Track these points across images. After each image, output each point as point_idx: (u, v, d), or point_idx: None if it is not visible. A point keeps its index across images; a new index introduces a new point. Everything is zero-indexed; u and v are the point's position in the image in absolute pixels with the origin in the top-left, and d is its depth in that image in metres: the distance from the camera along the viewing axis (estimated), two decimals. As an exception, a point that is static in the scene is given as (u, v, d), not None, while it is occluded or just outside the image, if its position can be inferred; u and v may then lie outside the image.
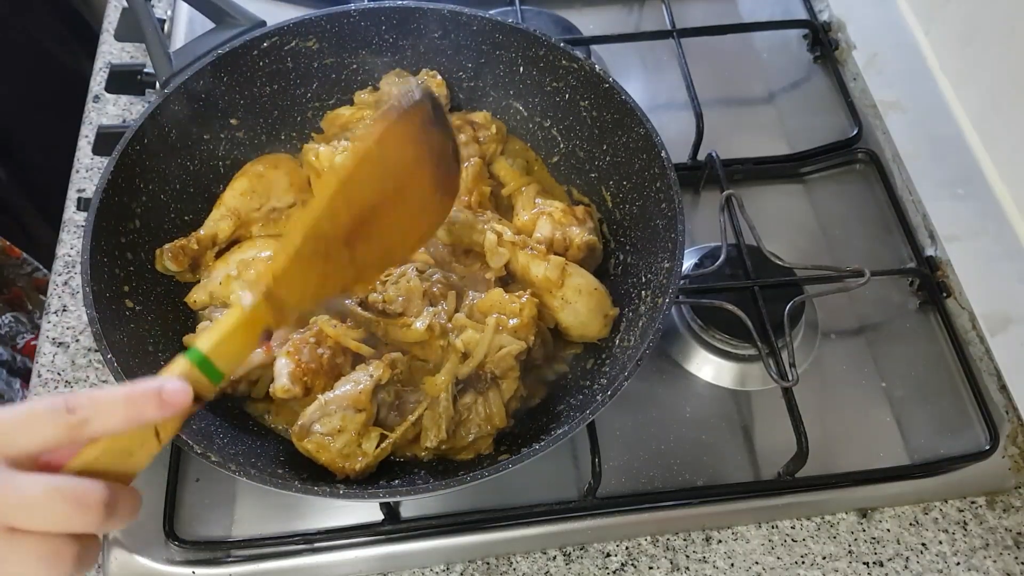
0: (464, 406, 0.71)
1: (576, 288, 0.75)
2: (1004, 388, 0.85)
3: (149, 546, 0.72)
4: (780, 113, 1.06)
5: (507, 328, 0.72)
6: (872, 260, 0.92)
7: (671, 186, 0.73)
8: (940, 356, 0.88)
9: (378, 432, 0.68)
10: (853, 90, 1.06)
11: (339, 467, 0.67)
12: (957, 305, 0.90)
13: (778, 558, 0.76)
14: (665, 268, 0.72)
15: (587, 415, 0.63)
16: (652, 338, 0.66)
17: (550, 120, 0.87)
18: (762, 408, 0.83)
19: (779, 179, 1.00)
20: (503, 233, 0.77)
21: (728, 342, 0.84)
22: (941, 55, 0.93)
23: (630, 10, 1.16)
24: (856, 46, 1.08)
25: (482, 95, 0.89)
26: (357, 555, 0.73)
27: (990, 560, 0.76)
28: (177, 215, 0.80)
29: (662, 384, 0.84)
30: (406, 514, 0.75)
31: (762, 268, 0.85)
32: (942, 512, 0.79)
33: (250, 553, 0.73)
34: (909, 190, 0.98)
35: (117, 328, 0.68)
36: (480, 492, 0.75)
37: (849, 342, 0.88)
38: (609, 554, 0.75)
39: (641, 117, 0.77)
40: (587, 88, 0.82)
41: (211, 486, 0.76)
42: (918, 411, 0.84)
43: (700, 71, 1.00)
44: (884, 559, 0.76)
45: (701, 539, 0.76)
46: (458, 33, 0.85)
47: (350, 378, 0.68)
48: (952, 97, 0.91)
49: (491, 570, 0.74)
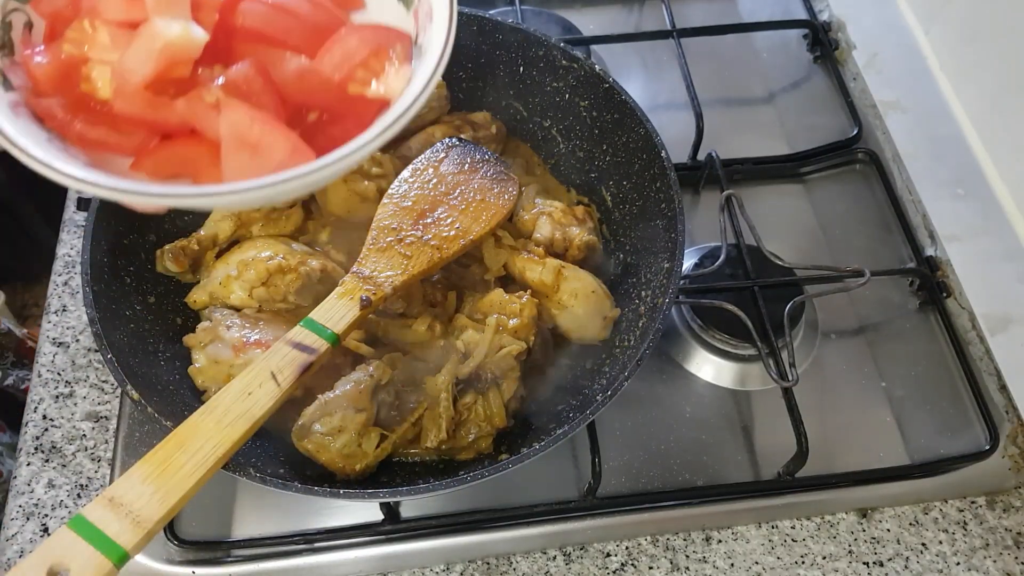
0: (464, 406, 0.71)
1: (572, 292, 0.75)
2: (1004, 388, 0.85)
3: (149, 546, 0.72)
4: (780, 113, 1.06)
5: (507, 328, 0.72)
6: (872, 260, 0.92)
7: (671, 186, 0.73)
8: (940, 356, 0.88)
9: (378, 432, 0.68)
10: (853, 90, 1.06)
11: (339, 467, 0.67)
12: (957, 305, 0.90)
13: (778, 558, 0.76)
14: (665, 268, 0.72)
15: (587, 415, 0.63)
16: (652, 338, 0.66)
17: (550, 120, 0.87)
18: (762, 408, 0.83)
19: (779, 179, 1.00)
20: (501, 236, 0.78)
21: (728, 342, 0.84)
22: (941, 55, 0.93)
23: (630, 10, 1.16)
24: (856, 46, 1.08)
25: (482, 95, 0.89)
26: (357, 555, 0.73)
27: (990, 560, 0.76)
28: (177, 215, 0.80)
29: (662, 384, 0.84)
30: (406, 514, 0.75)
31: (762, 268, 0.85)
32: (942, 512, 0.79)
33: (250, 553, 0.73)
34: (909, 190, 0.98)
35: (117, 328, 0.68)
36: (480, 492, 0.75)
37: (849, 342, 0.88)
38: (609, 554, 0.75)
39: (641, 117, 0.77)
40: (587, 88, 0.82)
41: (211, 486, 0.74)
42: (918, 411, 0.84)
43: (700, 71, 1.00)
44: (884, 559, 0.76)
45: (701, 539, 0.76)
46: (458, 33, 0.85)
47: (350, 378, 0.68)
48: (952, 97, 0.91)
49: (491, 570, 0.74)
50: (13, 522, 0.75)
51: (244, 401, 0.58)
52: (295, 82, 0.48)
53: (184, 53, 0.45)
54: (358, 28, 0.49)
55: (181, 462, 0.54)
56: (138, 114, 0.45)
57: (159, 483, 0.53)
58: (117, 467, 0.77)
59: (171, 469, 0.54)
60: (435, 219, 0.73)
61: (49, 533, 0.74)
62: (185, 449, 0.55)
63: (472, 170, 0.78)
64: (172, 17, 0.45)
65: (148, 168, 0.47)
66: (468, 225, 0.74)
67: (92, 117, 0.46)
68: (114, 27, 0.46)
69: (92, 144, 0.46)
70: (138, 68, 0.44)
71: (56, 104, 0.46)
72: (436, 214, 0.74)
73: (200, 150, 0.46)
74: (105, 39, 0.46)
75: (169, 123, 0.46)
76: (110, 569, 0.48)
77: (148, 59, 0.44)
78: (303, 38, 0.48)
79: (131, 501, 0.51)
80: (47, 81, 0.46)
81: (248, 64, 0.46)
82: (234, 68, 0.46)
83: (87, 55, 0.46)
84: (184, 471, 0.54)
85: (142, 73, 0.44)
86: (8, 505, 0.76)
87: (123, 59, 0.45)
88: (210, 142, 0.45)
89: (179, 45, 0.45)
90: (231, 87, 0.45)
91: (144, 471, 0.53)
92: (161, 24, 0.44)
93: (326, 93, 0.48)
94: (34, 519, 0.75)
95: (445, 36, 0.46)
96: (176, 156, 0.47)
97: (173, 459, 0.54)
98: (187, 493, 0.53)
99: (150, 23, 0.45)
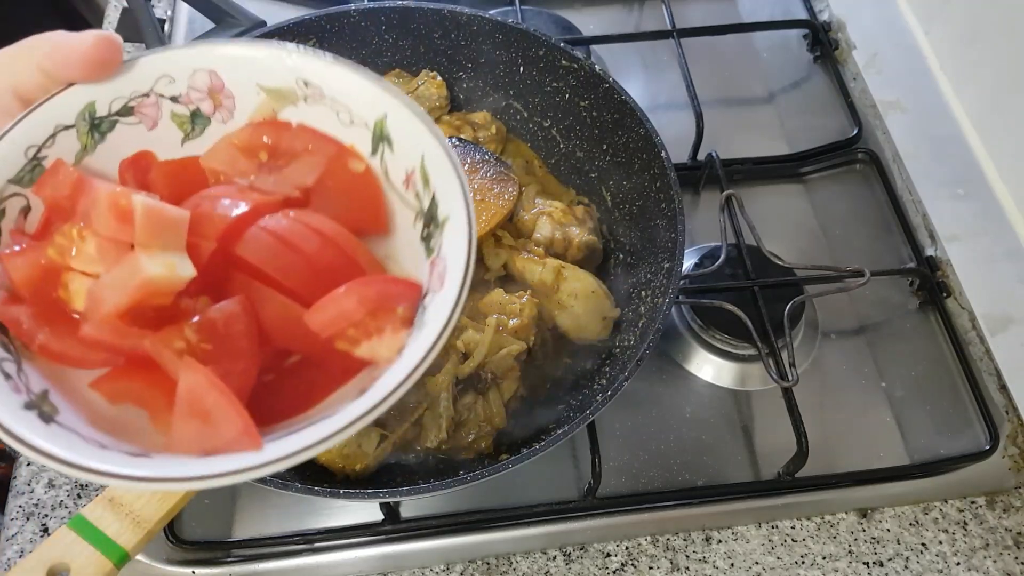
0: (464, 406, 0.71)
1: (572, 292, 0.75)
2: (1004, 388, 0.85)
3: (149, 546, 0.72)
4: (780, 113, 1.06)
5: (507, 328, 0.72)
6: (872, 260, 0.92)
7: (671, 186, 0.73)
8: (940, 356, 0.88)
9: (378, 432, 0.68)
10: (853, 90, 1.06)
11: (339, 467, 0.67)
12: (957, 305, 0.90)
13: (778, 558, 0.76)
14: (665, 268, 0.72)
15: (587, 415, 0.63)
16: (652, 338, 0.66)
17: (550, 120, 0.87)
18: (762, 408, 0.83)
19: (779, 179, 1.00)
20: (501, 236, 0.78)
21: (728, 342, 0.84)
22: (941, 55, 0.93)
23: (630, 10, 1.16)
24: (856, 46, 1.08)
25: (482, 95, 0.89)
26: (357, 555, 0.73)
27: (990, 560, 0.76)
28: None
29: (662, 384, 0.84)
30: (406, 514, 0.75)
31: (762, 268, 0.85)
32: (942, 512, 0.79)
33: (250, 553, 0.73)
34: (909, 190, 0.98)
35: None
36: (480, 492, 0.75)
37: (849, 342, 0.88)
38: (609, 554, 0.75)
39: (641, 117, 0.77)
40: (587, 88, 0.82)
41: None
42: (918, 411, 0.84)
43: (700, 71, 1.00)
44: (884, 559, 0.76)
45: (701, 539, 0.76)
46: (458, 33, 0.85)
47: (350, 378, 0.68)
48: (952, 97, 0.91)
49: (491, 570, 0.74)
50: (13, 522, 0.75)
51: None
52: (280, 329, 0.44)
53: (165, 289, 0.41)
54: (361, 285, 0.43)
55: None
56: (106, 341, 0.41)
57: None
58: (117, 467, 0.77)
59: None
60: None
61: (49, 533, 0.74)
62: None
63: (472, 170, 0.77)
64: (162, 250, 0.41)
65: (106, 391, 0.43)
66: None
67: (60, 328, 0.42)
68: (104, 240, 0.42)
69: (54, 356, 0.43)
70: (111, 297, 0.41)
71: (24, 313, 0.42)
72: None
73: (163, 388, 0.42)
74: (91, 251, 0.42)
75: (136, 354, 0.42)
76: (110, 569, 0.48)
77: (123, 291, 0.40)
78: (303, 282, 0.44)
79: (131, 501, 0.51)
80: (24, 284, 0.42)
81: (235, 303, 0.42)
82: (217, 306, 0.42)
83: (69, 264, 0.42)
84: None
85: (115, 303, 0.40)
86: (8, 505, 0.76)
87: (98, 284, 0.41)
88: (172, 382, 0.41)
89: (160, 283, 0.41)
90: (207, 327, 0.41)
91: None
92: (144, 259, 0.40)
93: (311, 345, 0.43)
94: (34, 519, 0.75)
95: (449, 313, 0.40)
96: (137, 388, 0.43)
97: None
98: (187, 493, 0.53)
99: (132, 251, 0.41)
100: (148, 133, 0.48)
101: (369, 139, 0.47)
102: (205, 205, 0.44)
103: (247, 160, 0.47)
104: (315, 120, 0.47)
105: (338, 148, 0.47)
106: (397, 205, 0.47)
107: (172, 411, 0.40)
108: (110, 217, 0.41)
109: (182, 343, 0.41)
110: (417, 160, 0.45)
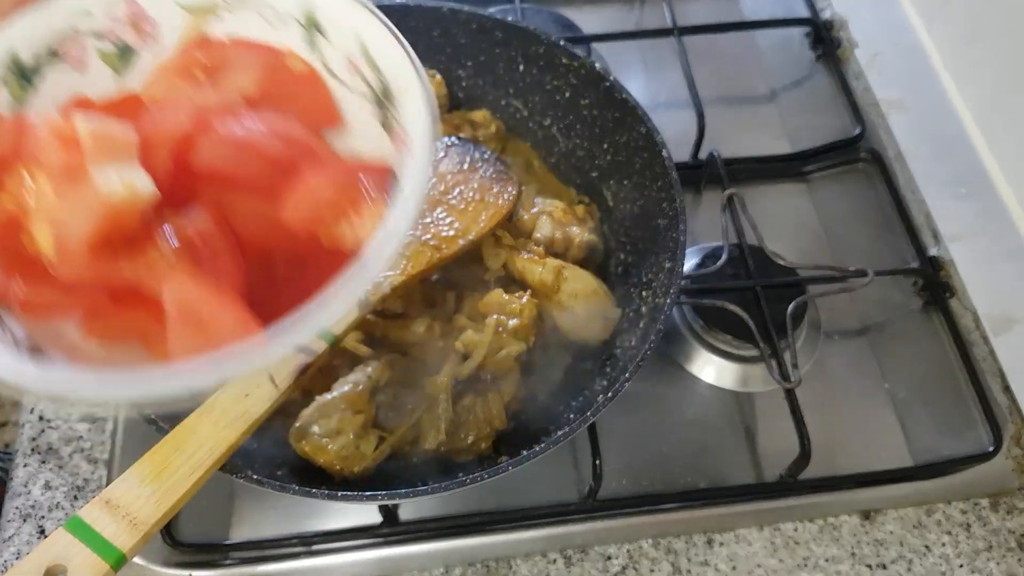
0: (463, 408, 0.70)
1: (572, 292, 0.74)
2: (1008, 389, 0.85)
3: (146, 548, 0.71)
4: (782, 112, 1.05)
5: (507, 329, 0.72)
6: (875, 260, 0.91)
7: (672, 185, 0.73)
8: (943, 357, 0.87)
9: (377, 434, 0.68)
10: (855, 89, 1.05)
11: (337, 469, 0.66)
12: (960, 305, 0.90)
13: (780, 561, 0.75)
14: (666, 268, 0.72)
15: (587, 416, 0.63)
16: (653, 339, 0.66)
17: (550, 119, 0.87)
18: (764, 409, 0.83)
19: (781, 178, 0.99)
20: (501, 236, 0.77)
21: (730, 343, 0.84)
22: (944, 54, 0.93)
23: (631, 8, 1.16)
24: (858, 45, 1.07)
25: (482, 94, 0.89)
26: (355, 558, 0.73)
27: (993, 562, 0.76)
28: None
29: (663, 385, 0.84)
30: (405, 516, 0.74)
31: (764, 268, 0.84)
32: (945, 514, 0.78)
33: (247, 555, 0.72)
34: (912, 189, 0.97)
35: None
36: (479, 494, 0.75)
37: (852, 343, 0.88)
38: (610, 557, 0.75)
39: (642, 116, 0.76)
40: (587, 86, 0.81)
41: (208, 488, 0.74)
42: (921, 412, 0.83)
43: (701, 69, 1.00)
44: (887, 561, 0.76)
45: (703, 542, 0.76)
46: (457, 31, 0.85)
47: (348, 379, 0.68)
48: (955, 96, 0.90)
49: (490, 573, 0.74)
50: (10, 524, 0.74)
51: (241, 403, 0.57)
52: (256, 230, 0.42)
53: (128, 209, 0.39)
54: (326, 166, 0.42)
55: (178, 464, 0.54)
56: (82, 278, 0.40)
57: (156, 485, 0.52)
58: (114, 469, 0.77)
59: (168, 471, 0.53)
60: (434, 219, 0.73)
61: (46, 535, 0.74)
62: (182, 451, 0.54)
63: (471, 169, 0.77)
64: (112, 164, 0.39)
65: (98, 332, 0.42)
66: (467, 225, 0.74)
67: (35, 278, 0.40)
68: (58, 177, 0.39)
69: (37, 309, 0.41)
70: (77, 229, 0.39)
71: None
72: (435, 214, 0.73)
73: (153, 315, 0.40)
74: (48, 191, 0.40)
75: (116, 287, 0.40)
76: (107, 571, 0.48)
77: (87, 220, 0.38)
78: (267, 178, 0.42)
79: (128, 503, 0.51)
80: None
81: (205, 218, 0.41)
82: (190, 224, 0.41)
83: (29, 209, 0.40)
84: (181, 473, 0.53)
85: (81, 235, 0.39)
86: (4, 507, 0.76)
87: (60, 220, 0.39)
88: (160, 307, 0.40)
89: (121, 204, 0.39)
90: (186, 248, 0.40)
91: (141, 473, 0.53)
92: (99, 178, 0.38)
93: (291, 241, 0.42)
94: (31, 521, 0.74)
95: (423, 168, 0.39)
96: (126, 322, 0.41)
97: (170, 461, 0.54)
98: (184, 495, 0.53)
99: (88, 176, 0.39)
100: (80, 77, 0.46)
101: (302, 34, 0.45)
102: (151, 125, 0.43)
103: (186, 83, 0.46)
104: (243, 28, 0.46)
105: (274, 52, 0.46)
106: (345, 94, 0.46)
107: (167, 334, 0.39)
108: (56, 145, 0.39)
109: (160, 260, 0.40)
110: (356, 44, 0.44)
